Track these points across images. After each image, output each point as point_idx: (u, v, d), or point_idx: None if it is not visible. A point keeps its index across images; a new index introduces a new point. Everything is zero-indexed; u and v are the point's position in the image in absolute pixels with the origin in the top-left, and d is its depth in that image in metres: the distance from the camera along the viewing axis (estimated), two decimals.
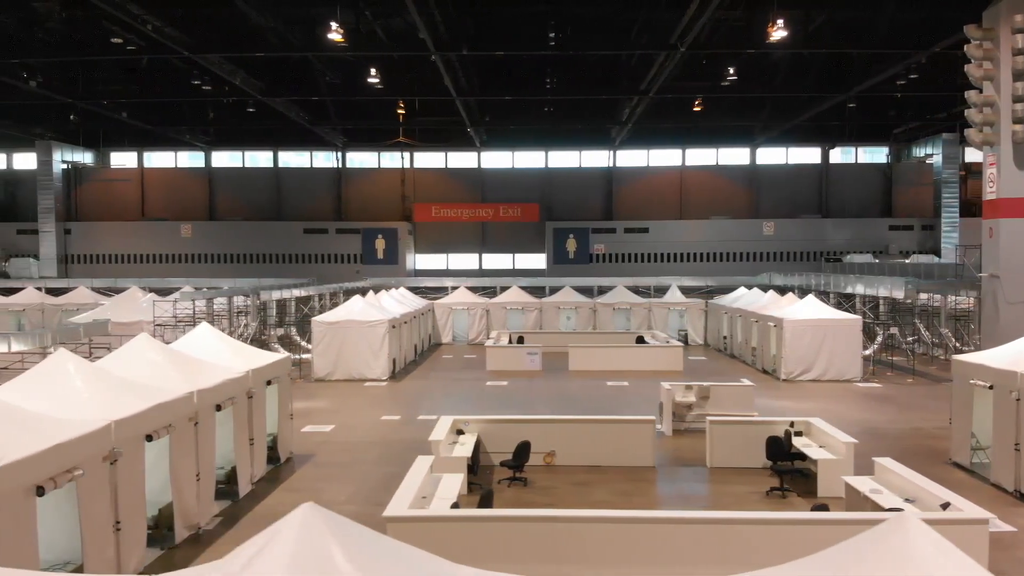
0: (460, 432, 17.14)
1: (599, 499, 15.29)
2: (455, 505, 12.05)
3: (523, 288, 47.78)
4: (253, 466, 15.81)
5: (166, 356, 14.28)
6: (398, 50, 36.87)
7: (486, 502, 12.15)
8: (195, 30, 32.08)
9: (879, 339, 34.97)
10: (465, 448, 15.94)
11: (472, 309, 45.53)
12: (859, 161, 63.05)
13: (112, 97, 44.33)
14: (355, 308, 32.82)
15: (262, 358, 17.11)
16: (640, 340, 39.05)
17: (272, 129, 56.33)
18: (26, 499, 8.62)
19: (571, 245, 57.84)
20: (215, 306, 35.79)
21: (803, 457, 16.41)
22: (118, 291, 49.83)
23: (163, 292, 46.73)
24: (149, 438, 11.46)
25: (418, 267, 60.54)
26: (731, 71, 41.86)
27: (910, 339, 34.80)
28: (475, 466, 15.74)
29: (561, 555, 10.67)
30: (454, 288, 50.10)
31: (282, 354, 18.03)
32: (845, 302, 39.33)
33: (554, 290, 49.01)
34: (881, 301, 35.88)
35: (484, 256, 61.36)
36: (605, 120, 54.02)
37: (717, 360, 37.61)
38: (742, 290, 43.55)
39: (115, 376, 12.22)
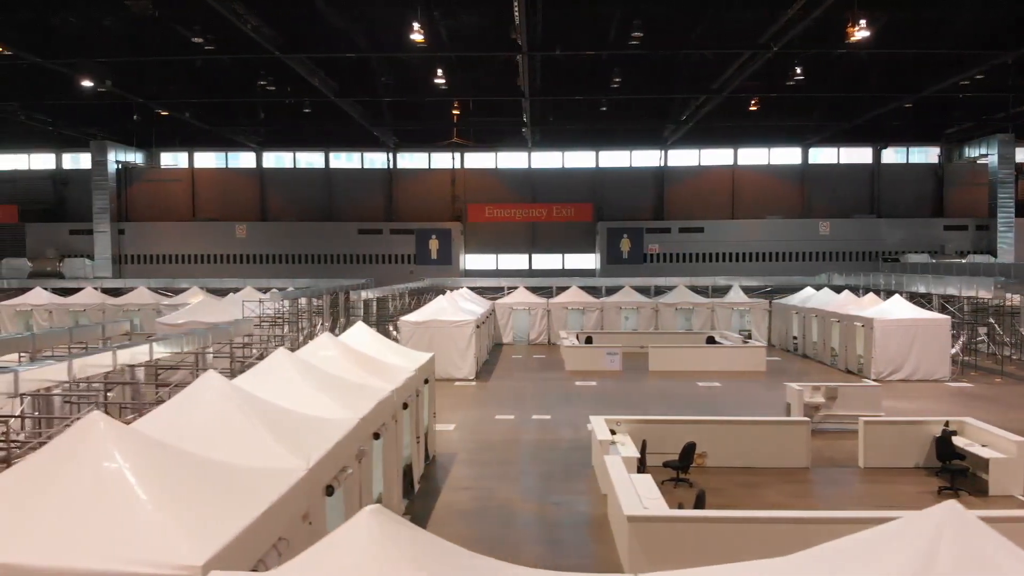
0: (612, 432, 17.05)
1: (773, 500, 15.17)
2: (680, 505, 11.95)
3: (580, 288, 47.66)
4: (420, 464, 15.79)
5: (348, 355, 14.25)
6: (481, 50, 36.74)
7: (700, 502, 12.05)
8: (285, 30, 32.12)
9: (962, 339, 34.73)
10: (630, 448, 15.85)
11: (533, 309, 45.43)
12: (910, 161, 62.72)
13: (176, 97, 44.43)
14: (440, 308, 32.80)
15: (419, 356, 17.08)
16: (710, 340, 38.89)
17: (325, 130, 56.42)
18: (320, 500, 8.57)
19: (625, 245, 57.67)
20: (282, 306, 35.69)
21: (962, 456, 16.29)
22: (176, 291, 49.99)
23: (221, 292, 46.91)
24: (376, 436, 11.43)
25: (468, 267, 60.46)
26: (798, 71, 41.67)
27: (1003, 340, 34.55)
28: (643, 466, 15.64)
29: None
30: (510, 289, 50.02)
31: (428, 353, 17.96)
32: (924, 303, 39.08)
33: (610, 290, 48.85)
34: (966, 301, 35.59)
35: (534, 256, 61.23)
36: (659, 119, 53.88)
37: (791, 361, 37.42)
38: (809, 290, 43.34)
39: (329, 374, 12.19)
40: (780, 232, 58.51)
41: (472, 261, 61.11)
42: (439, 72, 41.92)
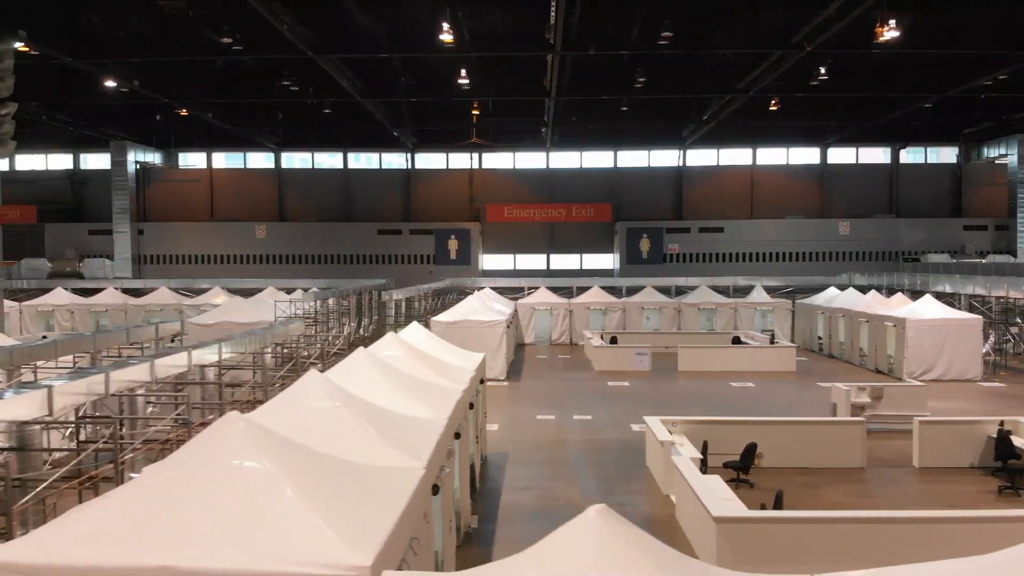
0: (668, 432, 17.03)
1: (836, 500, 15.14)
2: (763, 506, 11.94)
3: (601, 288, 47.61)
4: (478, 464, 15.80)
5: (414, 354, 14.26)
6: (509, 50, 36.75)
7: (779, 502, 12.04)
8: (317, 29, 32.14)
9: (991, 339, 34.66)
10: (690, 449, 15.82)
11: (555, 309, 45.37)
12: (928, 161, 62.66)
13: (199, 98, 44.49)
14: (471, 308, 32.80)
15: (472, 356, 17.08)
16: (736, 340, 38.86)
17: (344, 131, 56.45)
18: (430, 499, 8.57)
19: (644, 245, 57.63)
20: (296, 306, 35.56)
21: (1018, 456, 16.26)
22: (197, 292, 49.99)
23: (243, 292, 47.01)
24: (457, 435, 11.43)
25: (485, 268, 60.47)
26: (822, 71, 41.59)
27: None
28: (704, 468, 15.62)
29: (897, 555, 10.54)
30: (530, 289, 49.99)
31: (479, 354, 17.95)
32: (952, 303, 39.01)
33: (630, 290, 48.82)
34: (995, 301, 35.52)
35: (551, 256, 61.23)
36: (679, 119, 53.83)
37: (817, 361, 37.38)
38: (833, 290, 43.30)
39: (405, 373, 12.20)
40: (800, 232, 58.46)
41: (489, 261, 61.11)
42: (462, 72, 41.95)
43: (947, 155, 62.82)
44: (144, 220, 60.85)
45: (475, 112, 52.15)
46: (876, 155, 62.11)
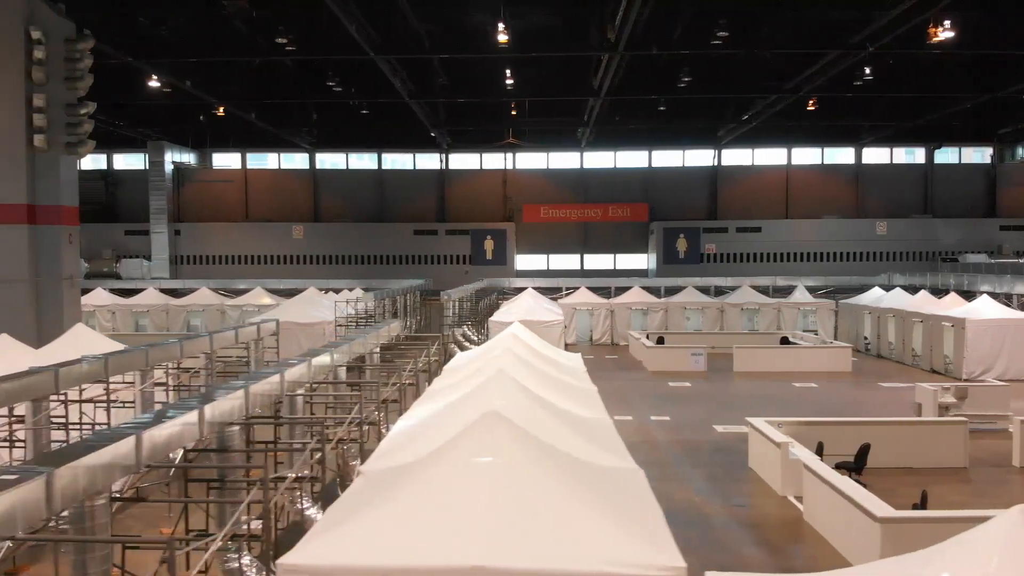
0: None
1: (957, 500, 15.12)
2: (915, 505, 11.95)
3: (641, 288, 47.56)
4: None
5: (534, 353, 14.29)
6: (567, 50, 36.80)
7: (924, 502, 12.05)
8: (378, 31, 32.22)
9: None
10: (803, 450, 15.81)
11: (596, 310, 45.32)
12: (963, 161, 62.55)
13: (244, 98, 44.65)
14: (529, 308, 32.85)
15: (573, 356, 17.15)
16: (784, 340, 38.82)
17: (378, 131, 56.55)
18: None
19: (681, 245, 57.61)
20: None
21: None
22: (237, 292, 50.08)
23: (283, 293, 47.13)
24: None
25: (519, 268, 60.53)
26: (867, 71, 41.50)
27: None
28: None
29: None
30: (568, 289, 49.95)
31: (576, 354, 17.99)
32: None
33: (669, 290, 48.78)
34: None
35: (585, 256, 61.25)
36: (715, 119, 53.78)
37: (866, 361, 37.26)
38: (877, 290, 43.25)
39: (547, 373, 12.25)
40: (837, 232, 58.39)
41: (523, 262, 61.17)
42: (507, 72, 42.01)
43: (978, 155, 62.68)
44: (178, 220, 61.05)
45: (513, 112, 52.23)
46: (911, 155, 62.04)
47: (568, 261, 61.13)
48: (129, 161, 63.10)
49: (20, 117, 20.76)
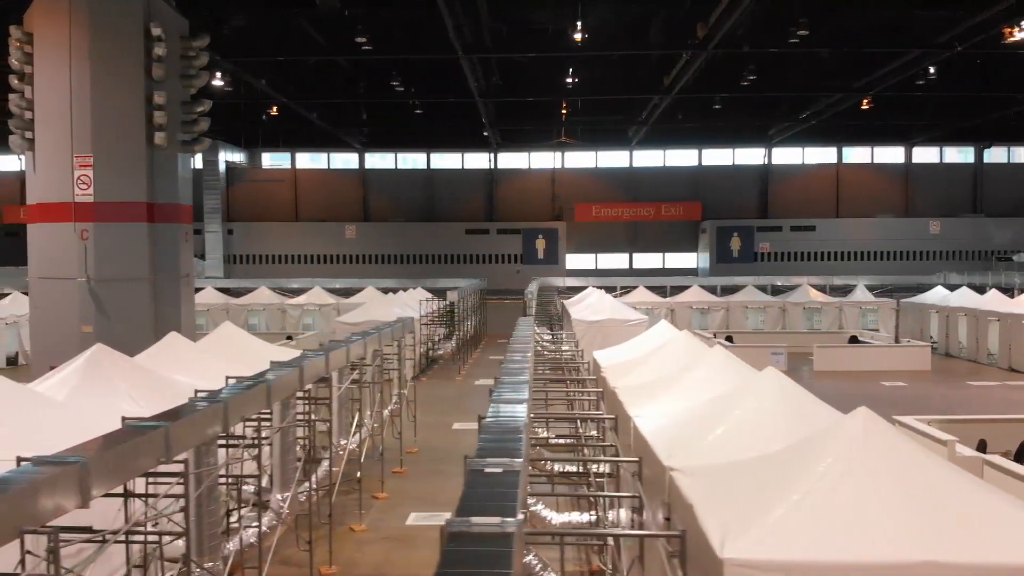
0: None
1: None
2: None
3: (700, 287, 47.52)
4: None
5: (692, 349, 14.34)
6: (646, 48, 36.85)
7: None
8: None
9: None
10: (965, 449, 15.79)
11: (656, 309, 45.26)
12: (1012, 161, 62.33)
13: (312, 98, 45.03)
14: (608, 306, 32.81)
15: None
16: (853, 340, 38.73)
17: (427, 130, 56.70)
18: None
19: (735, 244, 57.58)
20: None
21: None
22: (296, 292, 50.30)
23: (340, 292, 47.44)
24: None
25: (568, 267, 60.60)
26: (931, 70, 41.31)
27: None
28: None
29: None
30: (624, 288, 49.88)
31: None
32: None
33: (725, 290, 48.72)
34: None
35: (634, 256, 61.28)
36: (767, 117, 53.67)
37: (936, 359, 37.07)
38: (941, 289, 43.11)
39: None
40: (890, 231, 58.29)
41: (572, 261, 61.24)
42: (570, 71, 42.04)
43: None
44: (229, 220, 61.42)
45: (564, 111, 52.23)
46: (960, 154, 61.84)
47: (617, 260, 61.19)
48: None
49: (140, 114, 20.89)
